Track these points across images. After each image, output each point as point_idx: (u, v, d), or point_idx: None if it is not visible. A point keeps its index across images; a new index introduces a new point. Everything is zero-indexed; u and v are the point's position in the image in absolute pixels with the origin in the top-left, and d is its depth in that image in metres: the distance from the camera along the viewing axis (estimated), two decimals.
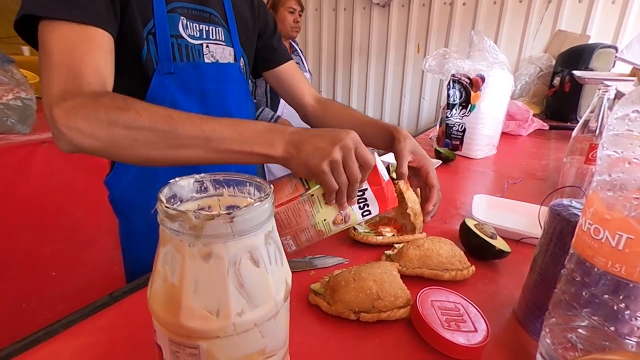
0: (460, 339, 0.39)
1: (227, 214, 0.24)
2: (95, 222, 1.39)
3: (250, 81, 1.79)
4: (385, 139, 0.67)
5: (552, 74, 1.90)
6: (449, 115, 1.20)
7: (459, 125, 1.19)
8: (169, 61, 0.62)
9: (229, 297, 0.26)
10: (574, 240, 0.33)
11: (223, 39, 0.71)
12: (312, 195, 0.50)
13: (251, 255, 0.26)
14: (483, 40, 1.11)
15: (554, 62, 1.95)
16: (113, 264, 1.50)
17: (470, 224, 0.60)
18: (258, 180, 0.31)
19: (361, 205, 0.53)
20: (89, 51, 0.50)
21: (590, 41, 1.90)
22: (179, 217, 0.24)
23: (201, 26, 0.67)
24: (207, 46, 0.68)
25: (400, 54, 2.51)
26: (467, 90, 1.15)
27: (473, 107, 1.15)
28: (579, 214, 0.39)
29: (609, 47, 1.72)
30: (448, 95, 1.19)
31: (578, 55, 1.74)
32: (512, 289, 0.51)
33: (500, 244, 0.57)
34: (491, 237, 0.58)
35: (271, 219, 0.28)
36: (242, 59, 0.76)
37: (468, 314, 0.42)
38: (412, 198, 0.61)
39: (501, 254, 0.56)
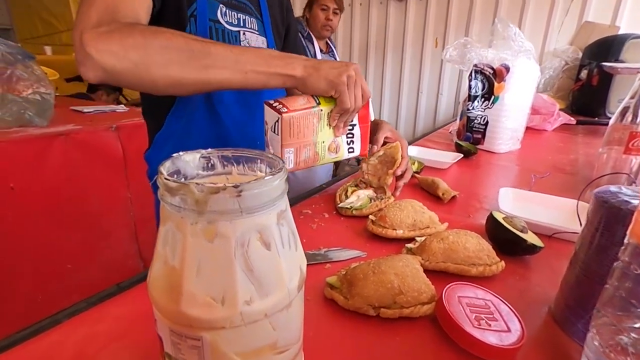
0: (491, 338, 0.35)
1: (234, 186, 0.21)
2: (112, 213, 1.40)
3: None
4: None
5: (578, 67, 1.82)
6: (471, 108, 1.15)
7: (481, 118, 1.14)
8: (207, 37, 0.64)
9: (236, 282, 0.23)
10: (631, 228, 0.28)
11: (257, 29, 0.74)
12: (322, 110, 0.57)
13: (261, 236, 0.23)
14: (508, 28, 1.05)
15: (580, 54, 1.86)
16: (128, 256, 1.50)
17: (499, 217, 0.56)
18: (270, 155, 0.28)
19: (348, 141, 0.62)
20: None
21: (621, 32, 1.80)
22: (180, 189, 0.21)
23: (238, 15, 0.71)
24: (244, 33, 0.71)
25: (417, 50, 2.45)
26: (490, 81, 1.09)
27: (496, 98, 1.10)
28: (632, 200, 0.34)
29: None
30: (470, 87, 1.14)
31: (607, 47, 1.65)
32: (546, 286, 0.47)
33: (531, 238, 0.53)
34: (522, 231, 0.53)
35: (284, 197, 0.25)
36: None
37: (500, 312, 0.38)
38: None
39: (533, 248, 0.51)
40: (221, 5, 0.67)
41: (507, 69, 1.07)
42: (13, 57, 1.67)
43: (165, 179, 0.22)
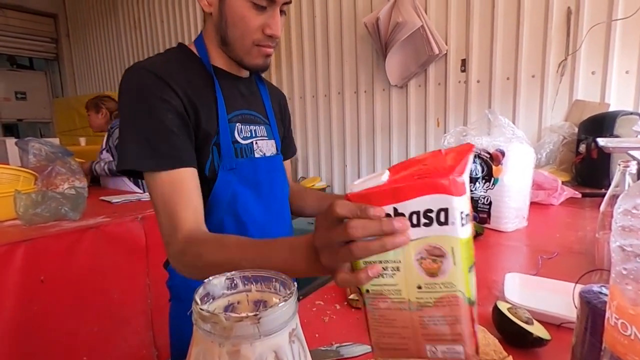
0: None
1: (254, 315, 0.26)
2: (130, 302, 1.43)
3: None
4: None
5: (576, 141, 1.90)
6: (473, 189, 1.21)
7: (484, 199, 1.19)
8: (230, 159, 0.73)
9: None
10: (604, 334, 0.32)
11: (266, 135, 0.83)
12: (367, 290, 0.39)
13: (276, 354, 0.28)
14: (498, 118, 1.16)
15: (576, 129, 1.96)
16: (143, 346, 1.49)
17: (503, 307, 0.58)
18: (283, 277, 0.34)
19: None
20: (180, 198, 0.64)
21: (611, 109, 1.92)
22: (211, 318, 0.27)
23: (250, 127, 0.80)
24: (256, 143, 0.80)
25: (420, 129, 2.62)
26: (488, 164, 1.17)
27: (496, 180, 1.16)
28: None
29: (631, 114, 1.72)
30: (470, 170, 1.21)
31: (600, 123, 1.75)
32: None
33: (538, 330, 0.54)
34: (527, 323, 0.55)
35: (295, 317, 0.30)
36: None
37: None
38: None
39: (540, 341, 0.52)
40: (237, 124, 0.76)
41: (503, 153, 1.15)
42: (54, 155, 1.87)
43: (200, 309, 0.27)
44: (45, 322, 1.16)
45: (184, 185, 0.65)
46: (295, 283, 0.32)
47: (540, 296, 0.68)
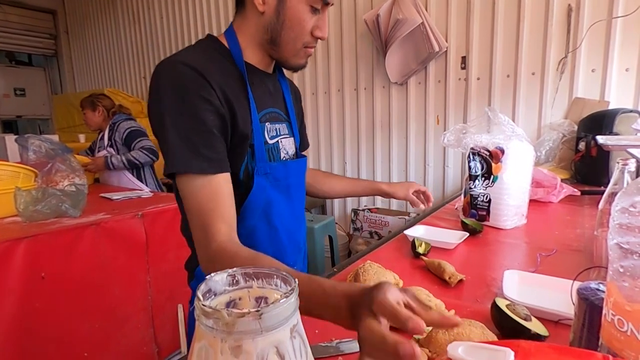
0: None
1: (255, 311, 0.27)
2: (131, 298, 1.43)
3: None
4: (372, 191, 1.09)
5: (576, 139, 1.90)
6: (473, 187, 1.21)
7: (483, 196, 1.19)
8: (264, 163, 0.72)
9: None
10: (601, 330, 0.32)
11: (287, 133, 0.82)
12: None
13: (277, 350, 0.28)
14: (497, 116, 1.16)
15: (575, 127, 1.96)
16: (143, 343, 1.50)
17: (502, 304, 0.58)
18: (284, 273, 0.34)
19: None
20: (216, 206, 0.62)
21: (611, 106, 1.92)
22: (213, 314, 0.27)
23: (276, 126, 0.78)
24: (280, 141, 0.79)
25: (420, 126, 2.62)
26: (488, 162, 1.17)
27: (496, 178, 1.17)
28: None
29: (631, 111, 1.73)
30: (469, 167, 1.22)
31: (600, 121, 1.75)
32: None
33: (535, 326, 0.55)
34: (525, 319, 0.55)
35: (296, 312, 0.30)
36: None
37: None
38: None
39: (537, 337, 0.53)
40: (266, 124, 0.75)
41: (502, 151, 1.15)
42: (54, 151, 1.87)
43: (203, 305, 0.28)
44: (46, 318, 1.16)
45: (220, 192, 0.63)
46: (296, 280, 0.32)
47: (538, 292, 0.69)
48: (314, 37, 0.72)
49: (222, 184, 0.63)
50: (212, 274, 0.33)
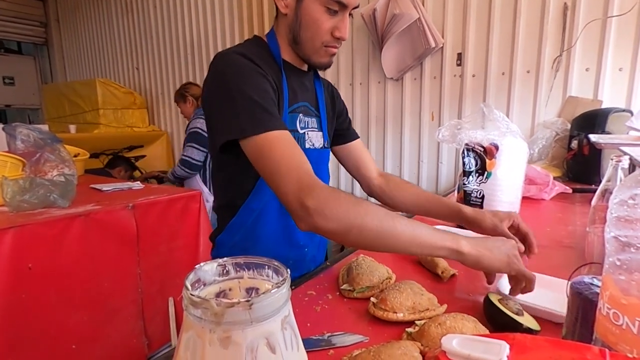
0: None
1: (246, 301, 0.26)
2: (121, 291, 1.41)
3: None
4: (451, 215, 0.89)
5: (568, 137, 1.92)
6: (466, 182, 1.21)
7: (477, 192, 1.19)
8: None
9: None
10: (595, 324, 0.32)
11: (316, 127, 0.90)
12: None
13: (268, 341, 0.27)
14: (493, 112, 1.16)
15: (569, 126, 1.97)
16: (133, 335, 1.48)
17: (494, 298, 0.58)
18: (276, 263, 0.33)
19: None
20: (299, 151, 0.66)
21: (603, 105, 1.93)
22: (202, 304, 0.26)
23: (306, 119, 0.86)
24: (307, 133, 0.86)
25: (415, 122, 2.62)
26: (482, 158, 1.17)
27: (489, 174, 1.17)
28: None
29: (623, 111, 1.74)
30: (463, 163, 1.21)
31: (592, 120, 1.76)
32: None
33: (527, 321, 0.55)
34: (517, 314, 0.55)
35: (288, 303, 0.30)
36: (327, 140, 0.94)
37: None
38: None
39: (529, 332, 0.53)
40: (300, 115, 0.83)
41: (497, 147, 1.15)
42: (43, 141, 1.83)
43: (191, 294, 0.27)
44: (33, 310, 1.14)
45: (296, 145, 0.67)
46: (289, 270, 0.31)
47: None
48: (334, 38, 0.77)
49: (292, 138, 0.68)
50: (202, 264, 0.32)
